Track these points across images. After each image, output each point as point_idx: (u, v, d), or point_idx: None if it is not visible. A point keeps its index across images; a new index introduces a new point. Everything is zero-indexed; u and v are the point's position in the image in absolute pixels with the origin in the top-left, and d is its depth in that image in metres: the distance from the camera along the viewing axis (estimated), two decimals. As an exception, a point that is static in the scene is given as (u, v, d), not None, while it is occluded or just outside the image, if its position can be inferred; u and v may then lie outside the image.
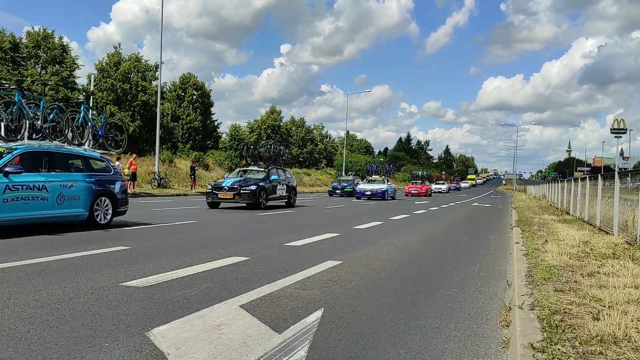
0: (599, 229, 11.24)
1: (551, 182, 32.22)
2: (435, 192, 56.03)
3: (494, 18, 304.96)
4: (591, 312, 3.86)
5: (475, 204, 31.25)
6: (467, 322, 4.18)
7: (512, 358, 3.26)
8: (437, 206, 25.79)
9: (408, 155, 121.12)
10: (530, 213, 18.16)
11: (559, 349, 3.04)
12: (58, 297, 4.44)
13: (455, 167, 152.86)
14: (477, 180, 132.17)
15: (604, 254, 7.16)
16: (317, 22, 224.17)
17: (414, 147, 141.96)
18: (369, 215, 17.42)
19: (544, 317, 3.73)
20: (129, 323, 3.74)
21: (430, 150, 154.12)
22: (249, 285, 5.15)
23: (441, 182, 66.37)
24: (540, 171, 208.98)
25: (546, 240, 8.62)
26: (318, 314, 4.16)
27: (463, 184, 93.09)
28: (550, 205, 25.29)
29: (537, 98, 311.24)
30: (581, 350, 3.04)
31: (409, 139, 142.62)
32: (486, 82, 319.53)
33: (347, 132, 77.44)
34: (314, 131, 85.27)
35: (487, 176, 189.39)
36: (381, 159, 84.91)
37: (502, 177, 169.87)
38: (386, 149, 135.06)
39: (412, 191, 44.29)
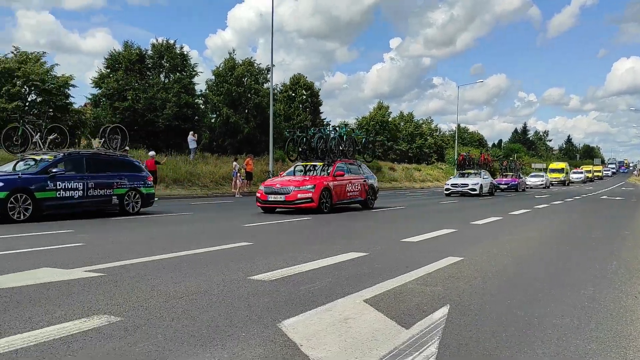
0: None
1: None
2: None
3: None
4: None
5: (604, 197, 28.88)
6: (610, 322, 3.87)
7: (669, 363, 2.96)
8: (561, 200, 24.21)
9: (524, 147, 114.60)
10: (671, 206, 16.42)
11: None
12: (194, 289, 4.76)
13: (578, 158, 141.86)
14: (573, 176, 66.33)
15: None
16: (430, 12, 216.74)
17: (531, 138, 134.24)
18: (486, 210, 16.77)
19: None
20: (260, 315, 3.90)
21: (550, 140, 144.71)
22: (370, 280, 5.17)
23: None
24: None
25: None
26: (444, 310, 4.07)
27: (530, 180, 46.14)
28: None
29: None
30: None
31: (525, 129, 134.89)
32: (617, 63, 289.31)
33: (458, 125, 74.84)
34: (423, 126, 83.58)
35: (597, 170, 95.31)
36: (500, 153, 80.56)
37: (634, 166, 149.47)
38: (500, 141, 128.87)
39: (269, 198, 14.65)
